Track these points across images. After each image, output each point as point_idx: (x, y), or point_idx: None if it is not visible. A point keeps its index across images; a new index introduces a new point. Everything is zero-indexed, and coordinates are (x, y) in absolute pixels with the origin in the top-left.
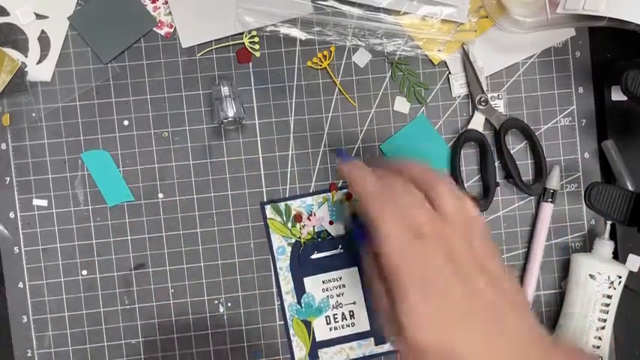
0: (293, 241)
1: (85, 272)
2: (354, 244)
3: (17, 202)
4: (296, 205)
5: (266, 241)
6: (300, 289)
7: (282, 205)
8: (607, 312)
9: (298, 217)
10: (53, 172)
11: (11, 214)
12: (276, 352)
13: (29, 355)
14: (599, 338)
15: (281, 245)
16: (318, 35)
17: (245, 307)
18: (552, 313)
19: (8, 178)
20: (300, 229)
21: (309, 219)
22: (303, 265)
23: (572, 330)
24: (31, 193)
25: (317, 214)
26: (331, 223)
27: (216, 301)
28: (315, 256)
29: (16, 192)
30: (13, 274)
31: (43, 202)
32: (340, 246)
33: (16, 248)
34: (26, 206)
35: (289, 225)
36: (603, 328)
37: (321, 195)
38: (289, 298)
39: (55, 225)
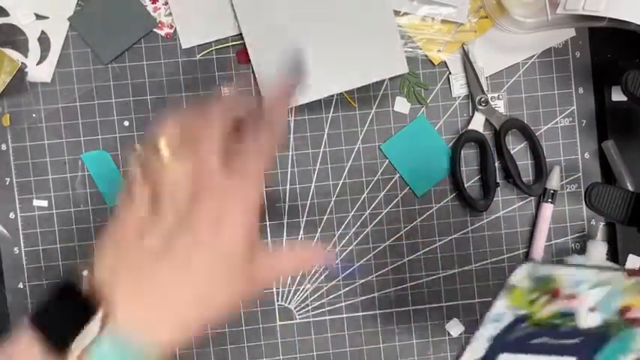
0: (522, 313)
1: (85, 273)
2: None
3: (17, 202)
4: (562, 276)
5: (267, 242)
6: None
7: (545, 269)
8: None
9: (555, 292)
10: (53, 173)
11: (11, 215)
12: (276, 352)
13: None
14: None
15: (503, 312)
16: None
17: (245, 307)
18: None
19: (8, 179)
20: (544, 304)
21: (568, 298)
22: (511, 340)
23: None
24: (31, 193)
25: (587, 296)
26: (592, 309)
27: None
28: (537, 341)
29: (16, 192)
30: (13, 275)
31: (43, 203)
32: (579, 339)
33: (16, 249)
34: (26, 207)
35: (535, 295)
36: None
37: (607, 272)
38: None
39: (55, 225)
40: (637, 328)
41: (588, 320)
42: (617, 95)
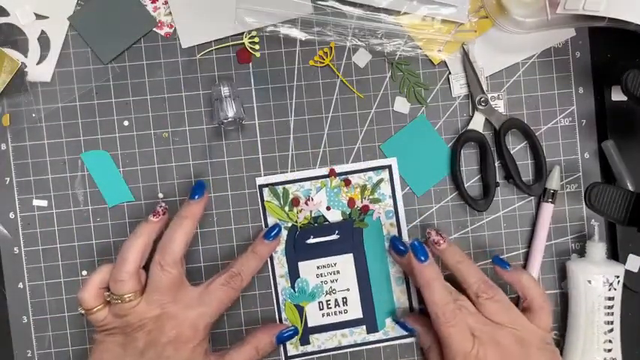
0: (289, 224)
1: (85, 273)
2: (348, 232)
3: (17, 202)
4: (294, 189)
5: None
6: (294, 274)
7: (279, 188)
8: (612, 314)
9: (295, 201)
10: (53, 173)
11: (11, 215)
12: None
13: (29, 355)
14: (610, 341)
15: (276, 227)
16: (318, 35)
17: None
18: (553, 314)
19: (8, 179)
20: (297, 213)
21: (306, 203)
22: (298, 249)
23: (582, 339)
24: (31, 193)
25: (314, 198)
26: (328, 208)
27: None
28: (310, 240)
29: (16, 192)
30: (13, 275)
31: (43, 203)
32: (337, 232)
33: (16, 248)
34: (26, 206)
35: (286, 208)
36: (611, 330)
37: (320, 180)
38: (283, 282)
39: (55, 225)
40: (368, 213)
41: (331, 218)
42: (617, 95)
